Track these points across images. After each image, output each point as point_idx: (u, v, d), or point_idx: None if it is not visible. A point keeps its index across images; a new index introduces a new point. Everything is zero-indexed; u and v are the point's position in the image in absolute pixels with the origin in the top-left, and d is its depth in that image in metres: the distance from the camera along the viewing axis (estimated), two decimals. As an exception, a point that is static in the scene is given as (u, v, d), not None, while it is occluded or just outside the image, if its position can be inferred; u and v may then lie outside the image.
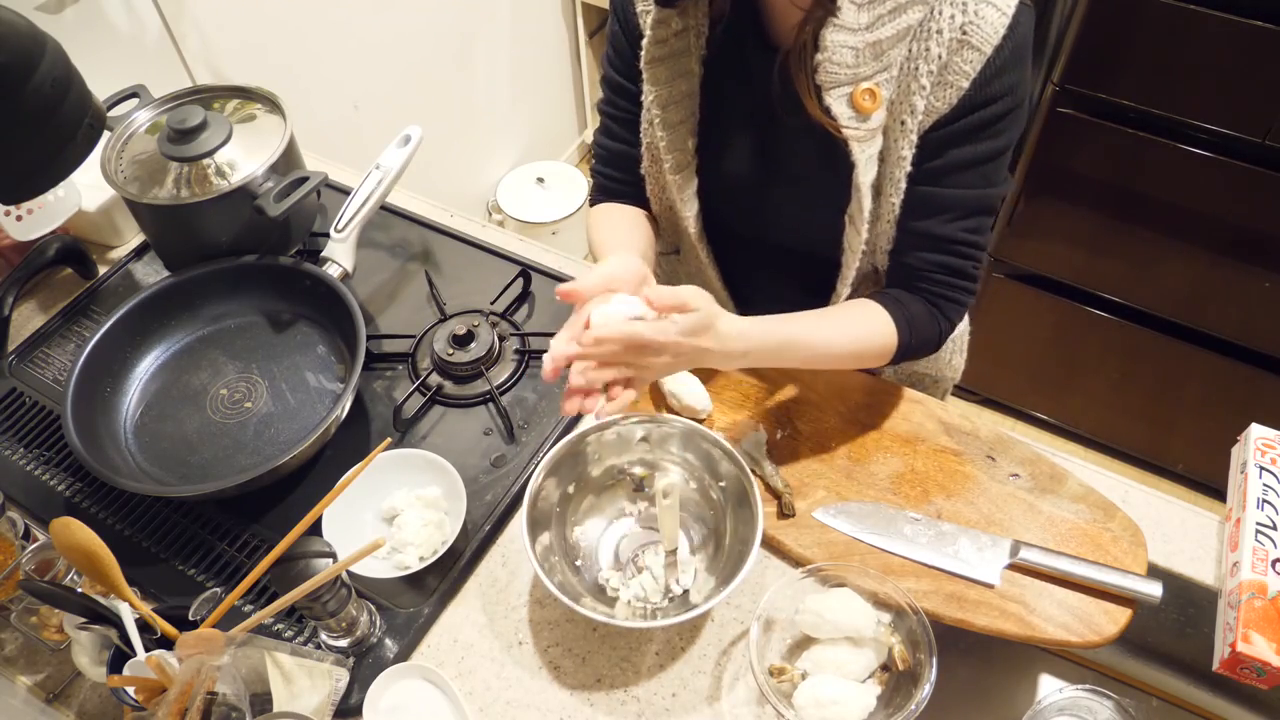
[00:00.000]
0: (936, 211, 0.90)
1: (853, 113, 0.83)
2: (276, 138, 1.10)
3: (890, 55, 0.82)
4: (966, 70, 0.81)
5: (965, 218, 0.90)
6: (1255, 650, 0.79)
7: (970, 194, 0.89)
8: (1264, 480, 0.90)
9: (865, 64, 0.81)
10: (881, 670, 0.83)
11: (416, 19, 2.04)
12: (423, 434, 1.05)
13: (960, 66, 0.81)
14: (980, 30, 0.80)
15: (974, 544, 0.90)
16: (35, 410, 1.10)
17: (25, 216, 1.19)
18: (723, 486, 0.94)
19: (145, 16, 1.44)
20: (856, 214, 0.90)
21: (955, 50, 0.80)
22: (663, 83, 0.93)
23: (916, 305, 0.94)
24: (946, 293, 0.93)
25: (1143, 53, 1.52)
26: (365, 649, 0.88)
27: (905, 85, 0.83)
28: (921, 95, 0.83)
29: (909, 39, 0.81)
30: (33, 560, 0.89)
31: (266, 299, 1.14)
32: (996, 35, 0.80)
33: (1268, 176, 1.51)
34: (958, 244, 0.91)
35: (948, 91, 0.82)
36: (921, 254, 0.92)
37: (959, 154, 0.86)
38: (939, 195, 0.89)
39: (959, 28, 0.80)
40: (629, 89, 1.00)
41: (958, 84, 0.82)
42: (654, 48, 0.91)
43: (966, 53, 0.80)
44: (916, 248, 0.93)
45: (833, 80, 0.82)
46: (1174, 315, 1.80)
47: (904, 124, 0.85)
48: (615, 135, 1.05)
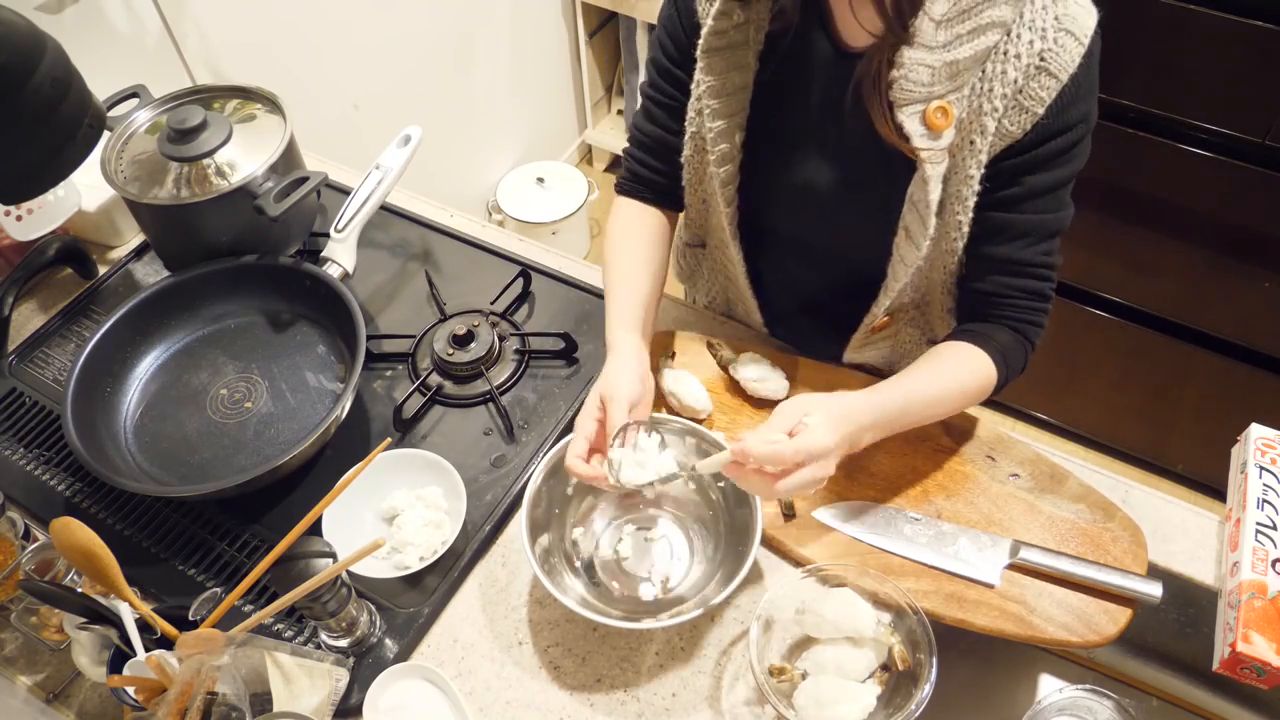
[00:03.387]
0: (1016, 237, 0.90)
1: (925, 130, 0.83)
2: (276, 138, 1.10)
3: (965, 75, 0.82)
4: (1043, 96, 0.81)
5: (1041, 241, 0.90)
6: (1255, 650, 0.79)
7: (1046, 218, 0.89)
8: (1264, 480, 0.90)
9: (940, 83, 0.81)
10: (881, 670, 0.83)
11: (416, 19, 2.04)
12: (423, 434, 1.05)
13: (1036, 93, 0.81)
14: (1059, 58, 0.80)
15: (974, 544, 0.90)
16: (35, 410, 1.10)
17: (25, 216, 1.19)
18: (722, 487, 0.94)
19: (145, 16, 1.44)
20: (916, 229, 0.90)
21: (1032, 76, 0.80)
22: (717, 73, 0.93)
23: (1003, 335, 0.93)
24: (1028, 316, 0.93)
25: (1143, 53, 1.52)
26: (365, 649, 0.88)
27: (977, 105, 0.83)
28: (993, 117, 0.82)
29: (985, 60, 0.81)
30: (33, 560, 0.89)
31: (266, 299, 1.14)
32: (1074, 64, 0.80)
33: (1268, 176, 1.51)
34: (1036, 267, 0.91)
35: (1023, 117, 0.82)
36: (1002, 279, 0.92)
37: (1035, 181, 0.86)
38: (1017, 221, 0.89)
39: (1038, 54, 0.80)
40: (677, 75, 1.00)
41: (1033, 110, 0.82)
42: (713, 38, 0.91)
43: (1044, 79, 0.80)
44: (996, 273, 0.92)
45: (907, 97, 0.82)
46: (1174, 315, 1.80)
47: (973, 144, 0.84)
48: (656, 120, 1.04)
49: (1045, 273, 0.92)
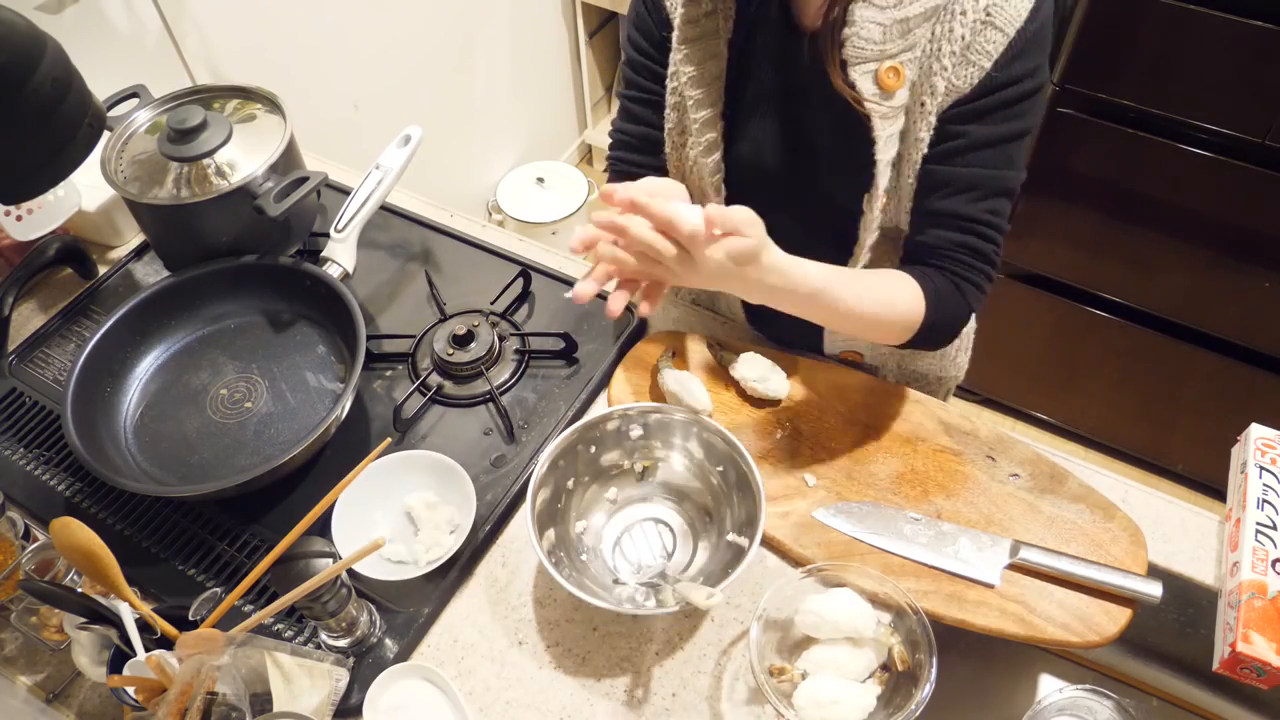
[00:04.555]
0: (957, 191, 0.90)
1: (877, 89, 0.85)
2: (276, 138, 1.10)
3: (915, 34, 0.84)
4: (989, 50, 0.83)
5: (985, 199, 0.90)
6: (1255, 650, 0.79)
7: (991, 174, 0.89)
8: (1264, 480, 0.90)
9: (891, 41, 0.84)
10: (881, 670, 0.83)
11: (416, 19, 2.04)
12: (423, 434, 1.05)
13: (983, 46, 0.83)
14: (1004, 11, 0.82)
15: (974, 544, 0.90)
16: (35, 410, 1.10)
17: (25, 216, 1.19)
18: (721, 471, 0.94)
19: (145, 16, 1.44)
20: (873, 189, 0.91)
21: (979, 31, 0.82)
22: (696, 63, 0.95)
23: (941, 281, 0.92)
24: (968, 274, 0.92)
25: (1143, 53, 1.52)
26: (365, 649, 0.88)
27: (927, 67, 0.85)
28: (943, 76, 0.84)
29: (934, 19, 0.83)
30: (33, 560, 0.89)
31: (266, 299, 1.14)
32: (1020, 17, 0.82)
33: (1268, 176, 1.51)
34: (979, 224, 0.91)
35: (970, 71, 0.84)
36: (942, 233, 0.92)
37: (979, 132, 0.87)
38: (959, 174, 0.89)
39: (983, 9, 0.82)
40: (655, 70, 1.01)
41: (980, 64, 0.83)
42: (687, 28, 0.93)
43: (990, 33, 0.82)
44: (937, 226, 0.92)
45: (859, 56, 0.84)
46: (1174, 315, 1.80)
47: (923, 105, 0.86)
48: (638, 118, 1.05)
49: (989, 232, 0.91)
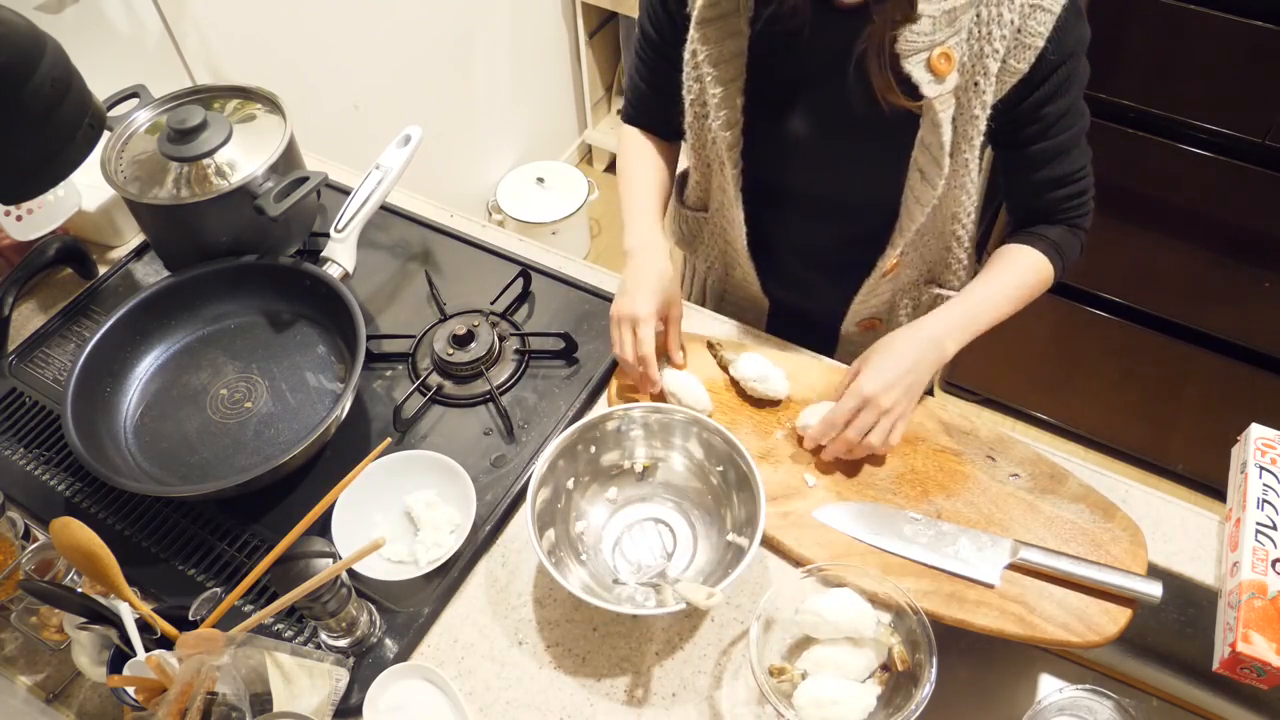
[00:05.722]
0: (1053, 157, 0.98)
1: (930, 76, 0.89)
2: (276, 138, 1.10)
3: (962, 20, 0.88)
4: (1041, 30, 0.87)
5: (1073, 150, 0.98)
6: (1255, 650, 0.79)
7: (1073, 133, 0.97)
8: (1264, 480, 0.90)
9: (940, 30, 0.87)
10: (881, 670, 0.83)
11: (416, 19, 2.04)
12: (423, 434, 1.05)
13: (1035, 28, 0.87)
14: None
15: (974, 544, 0.90)
16: (35, 410, 1.10)
17: (25, 216, 1.19)
18: (721, 471, 0.94)
19: (145, 16, 1.44)
20: (931, 170, 0.95)
21: (1028, 14, 0.87)
22: (713, 41, 0.97)
23: (1055, 231, 1.03)
24: (1078, 217, 1.03)
25: (1143, 53, 1.52)
26: (365, 649, 0.88)
27: (978, 49, 0.89)
28: (995, 59, 0.89)
29: (979, 2, 0.87)
30: (33, 560, 0.89)
31: (266, 299, 1.14)
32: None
33: (1268, 176, 1.51)
34: (1077, 173, 1.00)
35: (1026, 53, 0.89)
36: (1053, 194, 1.01)
37: (1053, 109, 0.94)
38: (1051, 146, 0.97)
39: None
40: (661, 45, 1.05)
41: (1035, 44, 0.88)
42: (707, 9, 0.95)
43: (1039, 15, 0.87)
44: (1047, 190, 1.01)
45: (911, 48, 0.87)
46: (1174, 315, 1.80)
47: (977, 85, 0.91)
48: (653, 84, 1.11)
49: (1085, 172, 1.01)
